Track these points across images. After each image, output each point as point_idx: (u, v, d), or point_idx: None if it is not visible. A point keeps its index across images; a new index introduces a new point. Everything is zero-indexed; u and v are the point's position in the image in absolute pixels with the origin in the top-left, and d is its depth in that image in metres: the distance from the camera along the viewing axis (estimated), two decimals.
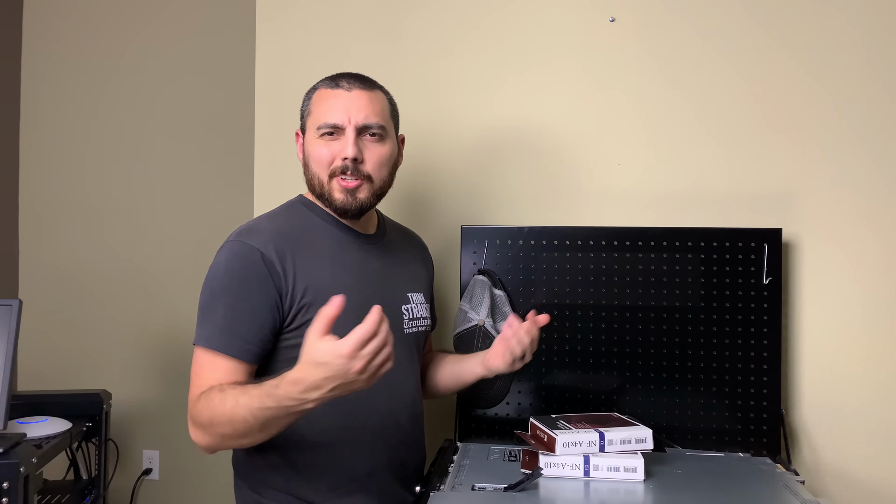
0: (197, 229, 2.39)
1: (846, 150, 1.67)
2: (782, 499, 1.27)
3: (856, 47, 1.67)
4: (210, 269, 1.27)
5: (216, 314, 1.23)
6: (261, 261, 1.23)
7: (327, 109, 1.32)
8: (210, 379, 1.20)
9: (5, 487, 1.44)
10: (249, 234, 1.27)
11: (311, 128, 1.34)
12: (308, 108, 1.37)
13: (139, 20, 2.43)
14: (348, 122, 1.31)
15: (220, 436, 1.17)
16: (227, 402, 1.14)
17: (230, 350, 1.21)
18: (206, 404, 1.16)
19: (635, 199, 1.74)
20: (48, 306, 2.43)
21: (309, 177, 1.35)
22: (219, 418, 1.15)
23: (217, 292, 1.24)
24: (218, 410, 1.14)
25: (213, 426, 1.16)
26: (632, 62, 1.75)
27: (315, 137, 1.33)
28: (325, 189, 1.33)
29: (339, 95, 1.33)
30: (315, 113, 1.34)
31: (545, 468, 1.32)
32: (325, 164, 1.32)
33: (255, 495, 1.30)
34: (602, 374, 1.64)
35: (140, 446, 2.41)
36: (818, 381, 1.66)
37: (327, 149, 1.31)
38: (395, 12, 1.84)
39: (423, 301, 1.47)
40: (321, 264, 1.30)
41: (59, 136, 2.47)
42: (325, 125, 1.31)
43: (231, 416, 1.13)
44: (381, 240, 1.43)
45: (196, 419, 1.19)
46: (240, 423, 1.13)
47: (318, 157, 1.32)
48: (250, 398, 1.11)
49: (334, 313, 1.03)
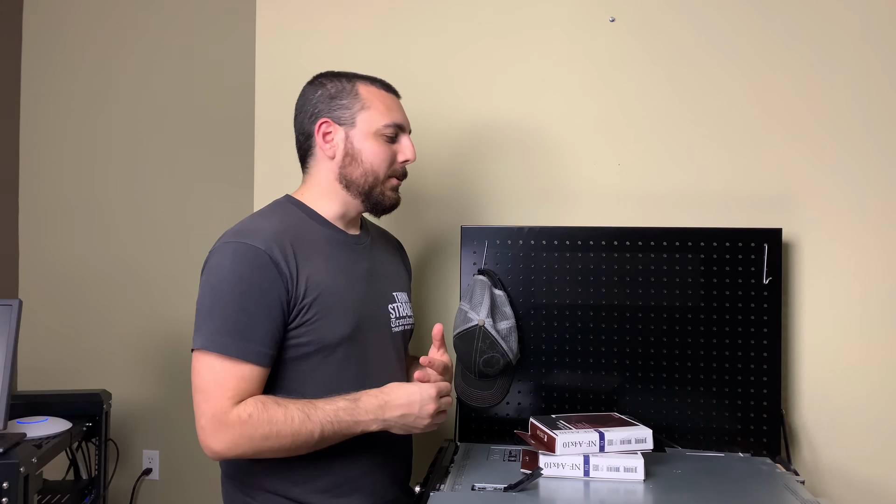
0: (197, 229, 2.38)
1: (846, 150, 1.67)
2: (782, 499, 1.27)
3: (856, 47, 1.67)
4: (213, 272, 1.23)
5: (229, 318, 1.19)
6: (270, 262, 1.21)
7: (390, 109, 1.35)
8: (236, 388, 1.18)
9: (5, 487, 1.44)
10: (250, 235, 1.24)
11: (369, 122, 1.33)
12: (358, 101, 1.33)
13: (139, 20, 2.43)
14: (408, 127, 1.38)
15: (264, 448, 1.18)
16: (293, 416, 1.18)
17: (250, 357, 1.19)
18: (264, 418, 1.17)
19: (635, 199, 1.74)
20: (48, 306, 2.43)
21: (359, 172, 1.33)
22: (283, 432, 1.17)
23: (228, 295, 1.20)
24: (282, 425, 1.17)
25: (269, 439, 1.17)
26: (632, 62, 1.75)
27: (373, 135, 1.33)
28: (377, 187, 1.35)
29: (395, 99, 1.38)
30: (375, 109, 1.33)
31: (545, 468, 1.32)
32: (388, 163, 1.34)
33: (246, 498, 1.29)
34: (602, 374, 1.64)
35: (140, 446, 2.41)
36: (818, 381, 1.66)
37: (390, 149, 1.35)
38: (395, 12, 1.84)
39: (406, 300, 1.48)
40: (318, 264, 1.29)
41: (59, 136, 2.47)
42: (394, 124, 1.34)
43: (297, 430, 1.18)
44: (366, 241, 1.44)
45: (242, 429, 1.16)
46: (304, 437, 1.18)
47: (382, 155, 1.34)
48: (324, 413, 1.19)
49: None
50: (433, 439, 1.70)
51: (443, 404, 1.26)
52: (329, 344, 1.27)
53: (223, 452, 1.18)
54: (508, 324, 1.59)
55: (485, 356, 1.55)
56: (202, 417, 1.18)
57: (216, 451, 1.18)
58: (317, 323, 1.26)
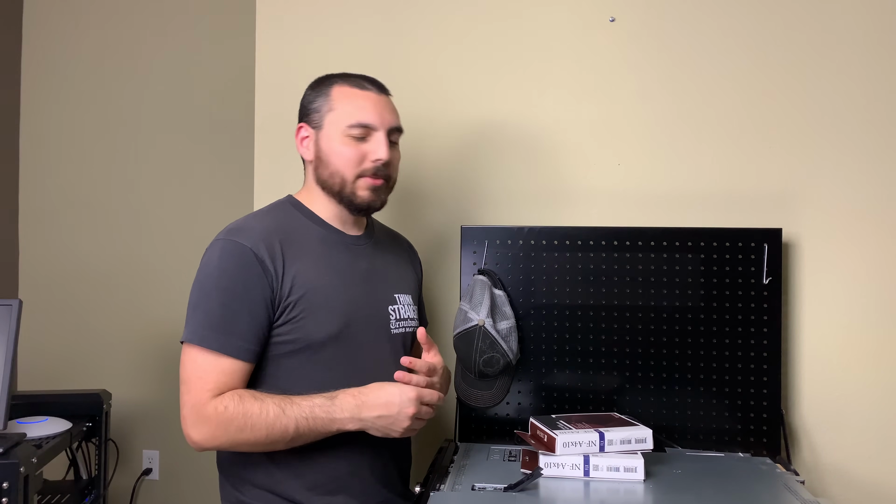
0: (197, 229, 2.38)
1: (846, 150, 1.67)
2: (782, 499, 1.27)
3: (856, 47, 1.67)
4: (201, 268, 1.27)
5: (212, 313, 1.23)
6: (254, 259, 1.24)
7: (358, 108, 1.32)
8: (216, 381, 1.21)
9: (5, 487, 1.44)
10: (239, 233, 1.28)
11: (335, 124, 1.33)
12: (327, 103, 1.34)
13: (139, 20, 2.43)
14: (381, 124, 1.32)
15: (240, 441, 1.20)
16: (268, 410, 1.19)
17: (230, 350, 1.22)
18: (240, 410, 1.19)
19: (635, 199, 1.74)
20: (48, 306, 2.43)
21: (327, 174, 1.34)
22: (257, 425, 1.18)
23: (211, 291, 1.24)
24: (257, 418, 1.18)
25: (244, 431, 1.19)
26: (632, 62, 1.75)
27: (340, 135, 1.32)
28: (346, 188, 1.33)
29: (368, 97, 1.33)
30: (341, 110, 1.33)
31: (545, 468, 1.32)
32: (353, 163, 1.32)
33: (237, 493, 1.31)
34: (602, 374, 1.64)
35: (140, 446, 2.41)
36: (818, 381, 1.66)
37: (356, 149, 1.32)
38: (395, 12, 1.84)
39: (410, 302, 1.47)
40: (308, 263, 1.30)
41: (59, 136, 2.46)
42: (359, 124, 1.31)
43: (272, 424, 1.19)
44: (369, 241, 1.44)
45: (217, 421, 1.19)
46: (279, 431, 1.19)
47: (346, 156, 1.32)
48: (300, 408, 1.20)
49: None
50: (433, 439, 1.70)
51: (422, 412, 1.24)
52: (314, 342, 1.28)
53: (202, 443, 1.21)
54: (508, 324, 1.59)
55: (485, 356, 1.55)
56: (184, 408, 1.22)
57: (196, 442, 1.21)
58: (302, 321, 1.27)
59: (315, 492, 1.29)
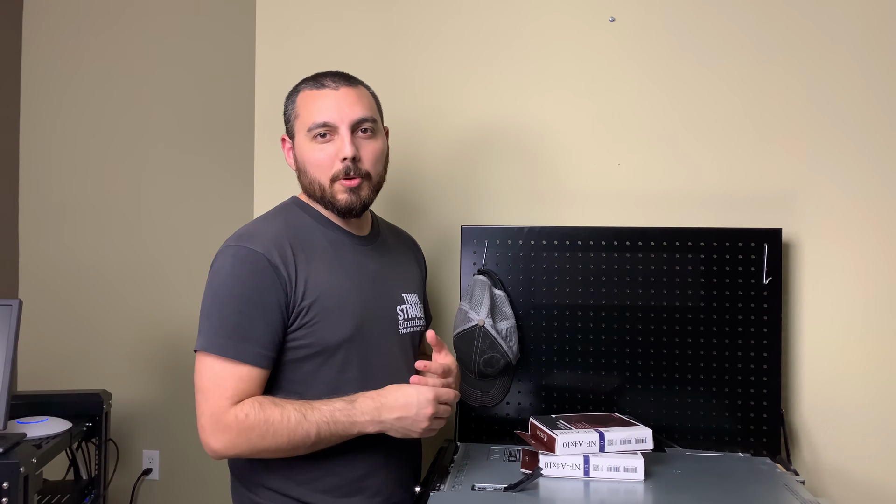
0: (197, 229, 2.39)
1: (846, 150, 1.67)
2: (782, 499, 1.27)
3: (856, 47, 1.67)
4: (214, 275, 1.25)
5: (227, 320, 1.21)
6: (268, 265, 1.23)
7: (317, 110, 1.30)
8: (234, 389, 1.19)
9: (5, 487, 1.44)
10: (251, 238, 1.26)
11: (301, 130, 1.32)
12: (294, 111, 1.34)
13: (139, 20, 2.43)
14: (341, 120, 1.29)
15: (261, 448, 1.19)
16: (290, 416, 1.19)
17: (247, 357, 1.21)
18: (261, 417, 1.18)
19: (635, 199, 1.74)
20: (48, 306, 2.43)
21: (307, 181, 1.34)
22: (279, 432, 1.18)
23: (226, 298, 1.22)
24: (278, 425, 1.18)
25: (266, 438, 1.18)
26: (631, 62, 1.75)
27: (307, 140, 1.31)
28: (326, 193, 1.31)
29: (326, 95, 1.31)
30: (303, 115, 1.32)
31: (545, 468, 1.32)
32: (324, 167, 1.30)
33: (252, 496, 1.30)
34: (602, 374, 1.64)
35: (140, 446, 2.41)
36: (818, 381, 1.66)
37: (323, 152, 1.30)
38: (394, 13, 1.84)
39: (416, 301, 1.47)
40: (320, 267, 1.29)
41: (59, 136, 2.47)
42: (316, 125, 1.29)
43: (294, 430, 1.18)
44: (376, 241, 1.43)
45: (239, 429, 1.18)
46: (300, 437, 1.19)
47: (315, 161, 1.30)
48: (320, 413, 1.20)
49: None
50: (433, 439, 1.70)
51: (441, 411, 1.24)
52: (329, 346, 1.28)
53: (222, 451, 1.20)
54: (508, 324, 1.59)
55: (485, 356, 1.55)
56: (202, 417, 1.20)
57: (215, 451, 1.20)
58: (316, 325, 1.26)
59: (331, 494, 1.29)
